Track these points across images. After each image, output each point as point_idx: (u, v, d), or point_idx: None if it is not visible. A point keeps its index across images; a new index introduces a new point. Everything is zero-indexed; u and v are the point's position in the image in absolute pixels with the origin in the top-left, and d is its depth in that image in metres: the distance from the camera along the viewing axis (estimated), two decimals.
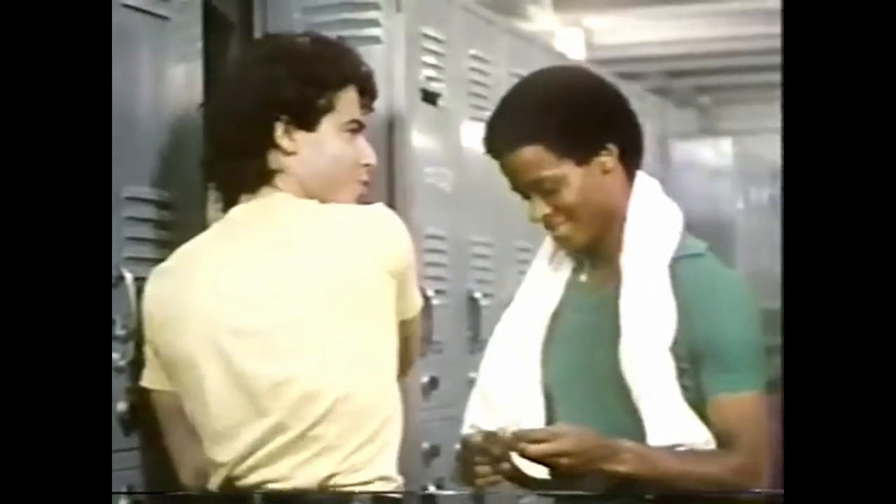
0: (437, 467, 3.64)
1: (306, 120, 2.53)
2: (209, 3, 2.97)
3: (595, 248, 2.57)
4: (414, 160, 3.60)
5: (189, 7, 2.82)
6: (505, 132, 2.53)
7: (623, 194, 2.54)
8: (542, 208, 2.52)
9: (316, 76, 2.53)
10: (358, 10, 3.48)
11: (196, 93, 2.81)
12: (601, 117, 2.54)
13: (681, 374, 2.44)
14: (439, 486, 3.63)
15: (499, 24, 4.37)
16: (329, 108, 2.54)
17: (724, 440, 2.43)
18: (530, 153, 2.49)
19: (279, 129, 2.52)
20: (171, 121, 2.74)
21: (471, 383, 3.87)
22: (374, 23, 3.48)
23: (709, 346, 2.44)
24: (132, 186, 2.60)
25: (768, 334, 2.52)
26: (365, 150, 2.59)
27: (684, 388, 2.44)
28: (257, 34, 3.43)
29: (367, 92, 2.60)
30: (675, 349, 2.44)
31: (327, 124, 2.54)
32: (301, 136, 2.53)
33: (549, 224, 2.54)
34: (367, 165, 2.59)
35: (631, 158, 2.57)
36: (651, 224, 2.52)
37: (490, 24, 4.26)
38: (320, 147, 2.54)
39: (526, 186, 2.53)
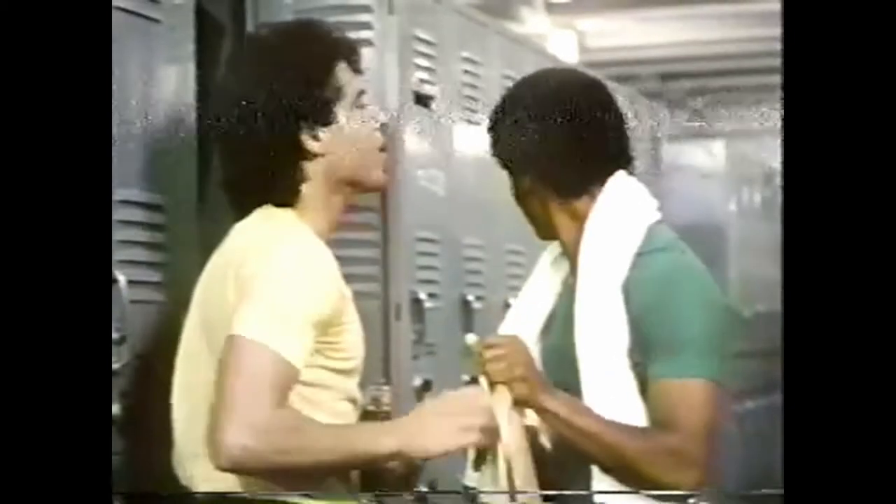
0: (430, 469, 3.64)
1: (324, 116, 2.45)
2: (200, 5, 2.97)
3: (569, 252, 2.60)
4: (406, 163, 3.60)
5: (180, 10, 2.82)
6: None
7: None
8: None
9: (315, 72, 2.45)
10: (350, 13, 3.48)
11: (188, 95, 2.81)
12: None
13: (636, 370, 2.47)
14: (432, 489, 3.63)
15: (491, 26, 4.37)
16: (339, 95, 2.47)
17: (661, 423, 2.43)
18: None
19: (304, 134, 2.45)
20: (163, 124, 2.73)
21: (463, 386, 3.89)
22: (367, 25, 3.48)
23: (657, 336, 2.45)
24: (125, 189, 2.59)
25: (758, 337, 2.53)
26: (368, 124, 2.52)
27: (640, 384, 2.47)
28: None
29: (355, 58, 2.52)
30: (631, 351, 2.46)
31: (342, 110, 2.47)
32: (325, 132, 2.45)
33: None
34: (379, 128, 2.53)
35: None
36: (611, 226, 2.55)
37: (482, 26, 4.26)
38: (344, 137, 2.46)
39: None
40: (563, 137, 2.56)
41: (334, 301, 2.38)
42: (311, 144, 2.44)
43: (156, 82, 2.73)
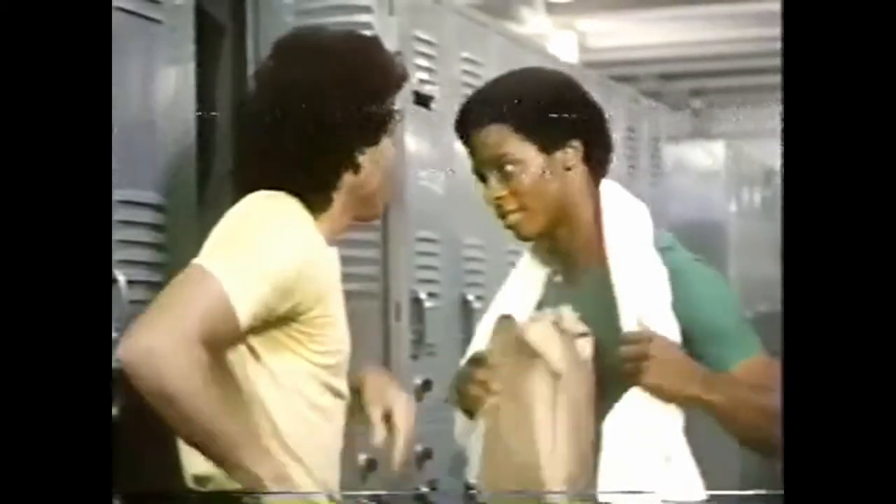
0: (431, 470, 3.64)
1: (376, 136, 2.49)
2: (201, 6, 2.97)
3: (560, 250, 2.62)
4: (406, 163, 3.60)
5: (181, 10, 2.82)
6: (477, 110, 2.59)
7: (584, 196, 2.58)
8: (498, 190, 2.56)
9: (384, 91, 2.49)
10: (350, 14, 3.48)
11: (188, 96, 2.81)
12: (572, 112, 2.58)
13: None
14: (433, 489, 3.63)
15: (491, 26, 4.37)
16: (392, 117, 2.50)
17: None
18: (495, 130, 2.55)
19: (357, 147, 2.47)
20: (163, 124, 2.73)
21: None
22: (367, 26, 3.47)
23: (706, 326, 2.49)
24: (125, 189, 2.59)
25: (761, 338, 2.55)
26: (393, 150, 2.55)
27: None
28: (249, 38, 3.42)
29: (400, 91, 2.56)
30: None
31: (386, 135, 2.51)
32: (369, 151, 2.48)
33: (501, 209, 2.58)
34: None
35: (596, 163, 2.61)
36: (627, 225, 2.57)
37: (482, 27, 4.26)
38: (381, 159, 2.50)
39: (486, 164, 2.57)
40: (545, 89, 2.59)
41: (301, 273, 2.35)
42: (361, 159, 2.46)
43: (156, 83, 2.73)
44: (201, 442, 2.27)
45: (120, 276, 2.52)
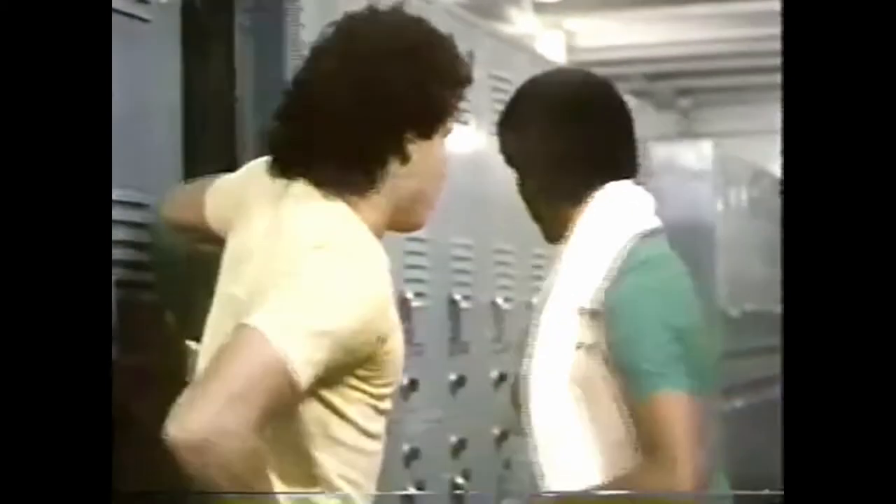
0: (417, 469, 3.64)
1: (430, 128, 2.30)
2: (189, 5, 2.97)
3: None
4: None
5: (168, 9, 2.81)
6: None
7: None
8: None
9: (446, 79, 2.32)
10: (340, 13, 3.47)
11: (176, 95, 2.81)
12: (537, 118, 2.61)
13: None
14: (419, 489, 3.63)
15: (480, 26, 4.38)
16: (448, 113, 2.32)
17: (642, 444, 2.42)
18: (504, 135, 2.68)
19: (408, 134, 2.28)
20: (153, 123, 2.73)
21: (450, 385, 3.89)
22: None
23: (619, 357, 2.44)
24: (116, 190, 2.59)
25: (746, 336, 2.53)
26: (445, 158, 2.37)
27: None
28: (238, 37, 3.42)
29: (462, 94, 2.37)
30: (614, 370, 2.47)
31: (438, 133, 2.32)
32: (419, 144, 2.29)
33: None
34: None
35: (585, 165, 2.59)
36: (587, 244, 2.53)
37: (471, 26, 4.27)
38: (429, 157, 2.31)
39: None
40: (570, 140, 2.55)
41: (366, 322, 2.19)
42: (410, 148, 2.29)
43: (145, 82, 2.73)
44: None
45: (114, 276, 2.52)
